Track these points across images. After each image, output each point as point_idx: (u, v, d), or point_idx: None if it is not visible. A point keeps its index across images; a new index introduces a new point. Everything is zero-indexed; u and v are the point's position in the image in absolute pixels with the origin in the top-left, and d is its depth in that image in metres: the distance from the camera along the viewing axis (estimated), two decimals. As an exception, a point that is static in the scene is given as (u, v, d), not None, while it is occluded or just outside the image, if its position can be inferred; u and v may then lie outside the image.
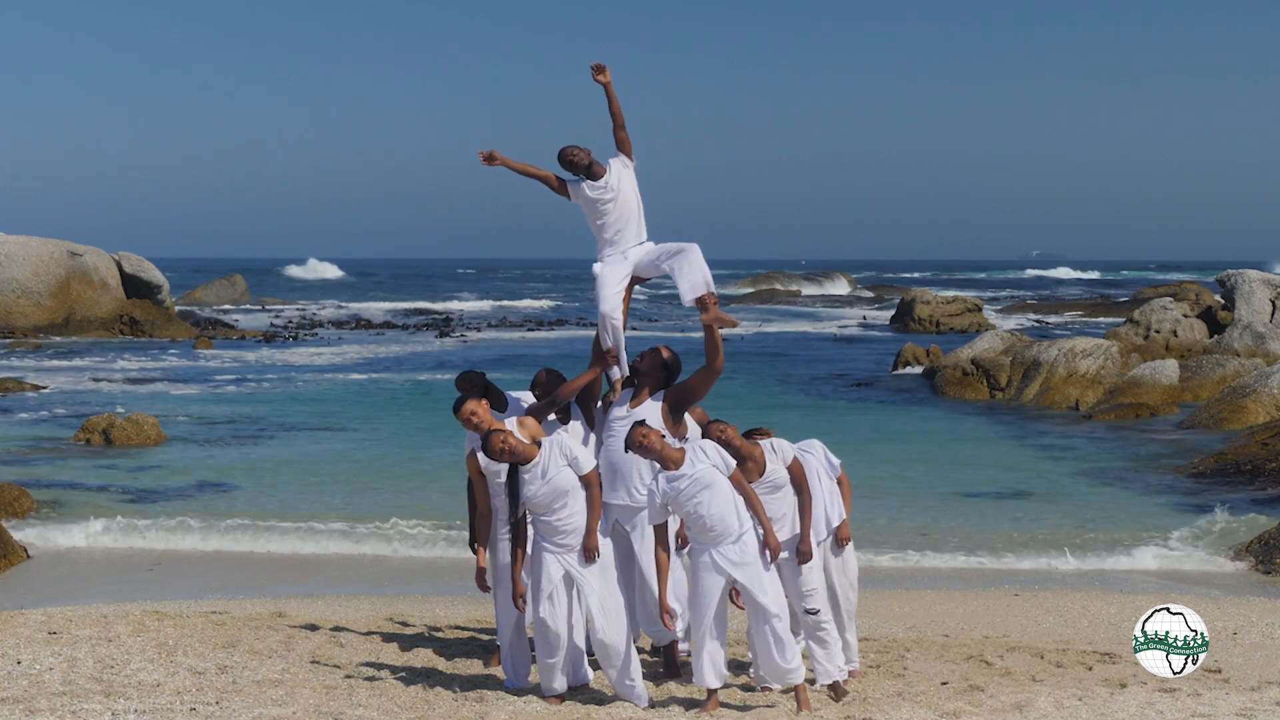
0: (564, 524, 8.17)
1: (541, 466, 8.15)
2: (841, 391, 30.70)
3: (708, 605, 8.11)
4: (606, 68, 9.04)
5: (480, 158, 9.09)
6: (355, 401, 28.18)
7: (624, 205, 9.09)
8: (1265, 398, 24.07)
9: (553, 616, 8.19)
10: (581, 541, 8.18)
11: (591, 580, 8.18)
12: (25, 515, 15.35)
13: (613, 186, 9.05)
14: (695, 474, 8.06)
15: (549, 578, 8.19)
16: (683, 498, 8.04)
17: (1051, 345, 30.15)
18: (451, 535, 14.83)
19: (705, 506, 8.03)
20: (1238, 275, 34.25)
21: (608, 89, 9.05)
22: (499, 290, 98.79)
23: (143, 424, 21.64)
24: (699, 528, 8.09)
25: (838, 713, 8.15)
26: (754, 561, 8.09)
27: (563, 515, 8.15)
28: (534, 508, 8.19)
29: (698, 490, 8.03)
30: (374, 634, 10.15)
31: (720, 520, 8.04)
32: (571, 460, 8.20)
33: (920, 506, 16.86)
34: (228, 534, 14.98)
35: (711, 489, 8.04)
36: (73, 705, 7.87)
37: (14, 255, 45.50)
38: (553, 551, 8.19)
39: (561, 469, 8.15)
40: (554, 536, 8.19)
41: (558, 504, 8.14)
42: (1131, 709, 8.12)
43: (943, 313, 55.16)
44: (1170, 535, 15.11)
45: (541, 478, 8.14)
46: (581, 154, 9.06)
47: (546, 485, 8.13)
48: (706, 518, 8.04)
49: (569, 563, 8.19)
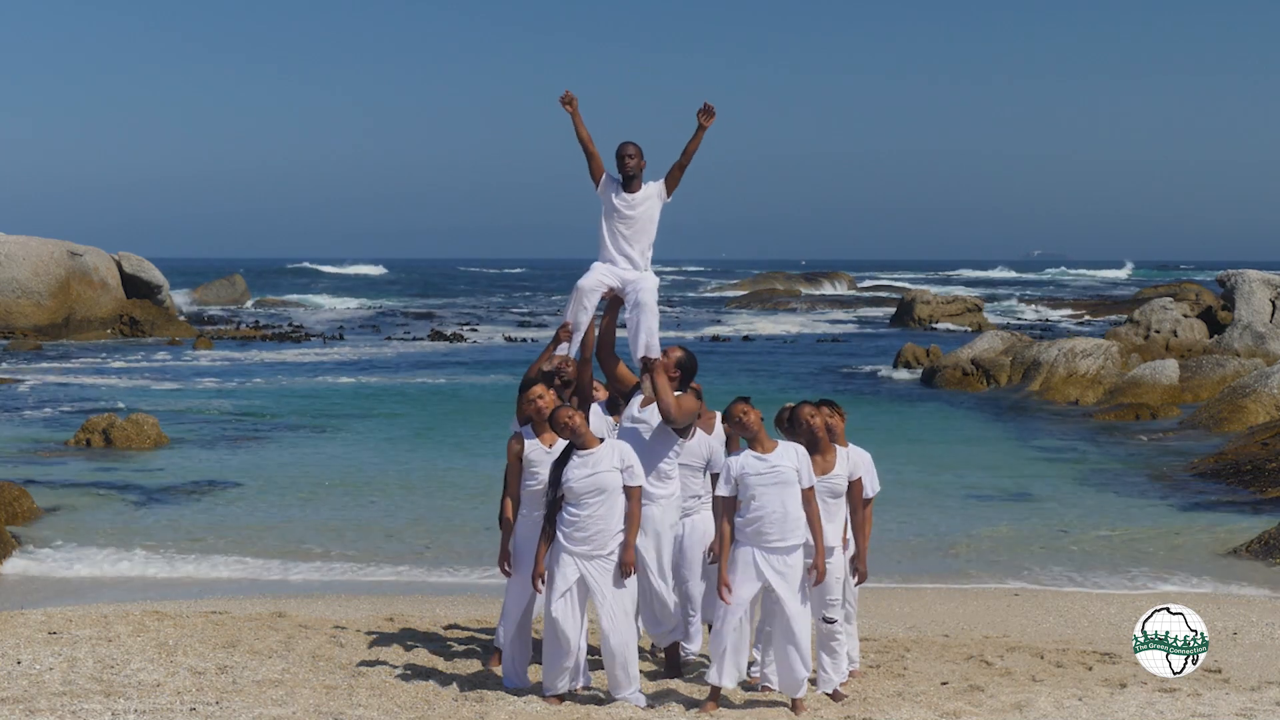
0: (588, 523, 8.11)
1: (596, 457, 8.13)
2: (841, 391, 30.69)
3: (739, 604, 8.10)
4: (715, 115, 9.13)
5: (563, 96, 9.17)
6: (353, 403, 28.16)
7: (637, 228, 9.19)
8: (1265, 398, 24.07)
9: (565, 617, 8.17)
10: (603, 550, 8.12)
11: (605, 584, 8.15)
12: (27, 521, 15.28)
13: (637, 206, 9.15)
14: (778, 466, 8.02)
15: (564, 578, 8.16)
16: (755, 482, 7.99)
17: (1051, 345, 30.15)
18: (452, 535, 14.82)
19: (771, 503, 7.98)
20: (1238, 275, 34.25)
21: (702, 131, 9.14)
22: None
23: (143, 424, 21.62)
24: (753, 524, 8.03)
25: (838, 713, 8.16)
26: (797, 576, 8.07)
27: (591, 514, 8.10)
28: (568, 495, 8.13)
29: (772, 483, 7.99)
30: (374, 634, 10.14)
31: (777, 523, 8.00)
32: (625, 467, 8.19)
33: (919, 508, 16.85)
34: (228, 563, 14.72)
35: (784, 488, 8.00)
36: (73, 705, 7.87)
37: (14, 255, 45.49)
38: (570, 552, 8.17)
39: (612, 469, 8.14)
40: (575, 534, 8.13)
41: (592, 499, 8.10)
42: (1131, 709, 8.12)
43: (943, 312, 55.20)
44: (1170, 535, 15.11)
45: (590, 467, 8.11)
46: (634, 163, 9.15)
47: (591, 477, 8.09)
48: (766, 515, 8.00)
49: (585, 566, 8.16)
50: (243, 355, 40.18)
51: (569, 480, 8.12)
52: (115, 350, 40.65)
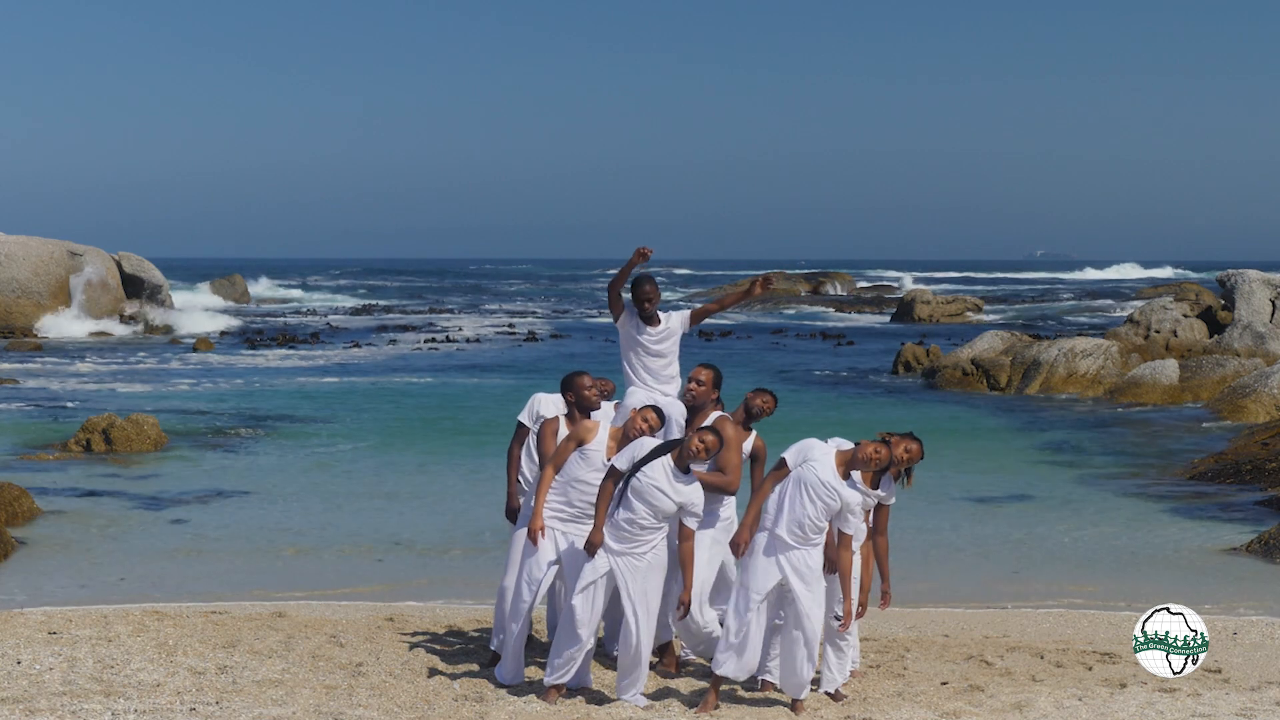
0: (635, 532, 8.05)
1: (679, 486, 8.02)
2: (840, 391, 30.70)
3: (755, 595, 8.11)
4: (769, 288, 9.35)
5: (643, 252, 9.08)
6: (353, 402, 28.17)
7: (664, 362, 9.31)
8: (1265, 398, 24.09)
9: (584, 608, 8.15)
10: (640, 550, 8.05)
11: (636, 582, 8.10)
12: (27, 521, 15.28)
13: (662, 339, 9.27)
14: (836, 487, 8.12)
15: (594, 569, 8.11)
16: (804, 481, 8.06)
17: (1051, 345, 30.18)
18: (453, 535, 14.82)
19: (804, 505, 8.05)
20: (1238, 275, 34.27)
21: (747, 297, 9.41)
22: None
23: (143, 424, 21.62)
24: (780, 518, 8.08)
25: (838, 713, 8.16)
26: (815, 575, 8.09)
27: (642, 526, 8.03)
28: (634, 495, 8.00)
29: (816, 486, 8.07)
30: (374, 634, 10.14)
31: (809, 524, 8.05)
32: (687, 503, 8.05)
33: (915, 512, 16.84)
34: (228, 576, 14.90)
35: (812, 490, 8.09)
36: (73, 705, 7.87)
37: (14, 255, 45.51)
38: (606, 548, 8.10)
39: (676, 499, 8.00)
40: (618, 531, 8.07)
41: (647, 513, 8.00)
42: (1131, 709, 8.13)
43: (943, 312, 55.20)
44: (1170, 535, 15.11)
45: (672, 493, 8.00)
46: (653, 302, 9.27)
47: (663, 498, 7.99)
48: (802, 515, 8.04)
49: (617, 562, 8.09)
50: (242, 355, 40.18)
51: (644, 490, 7.99)
52: (115, 350, 40.66)
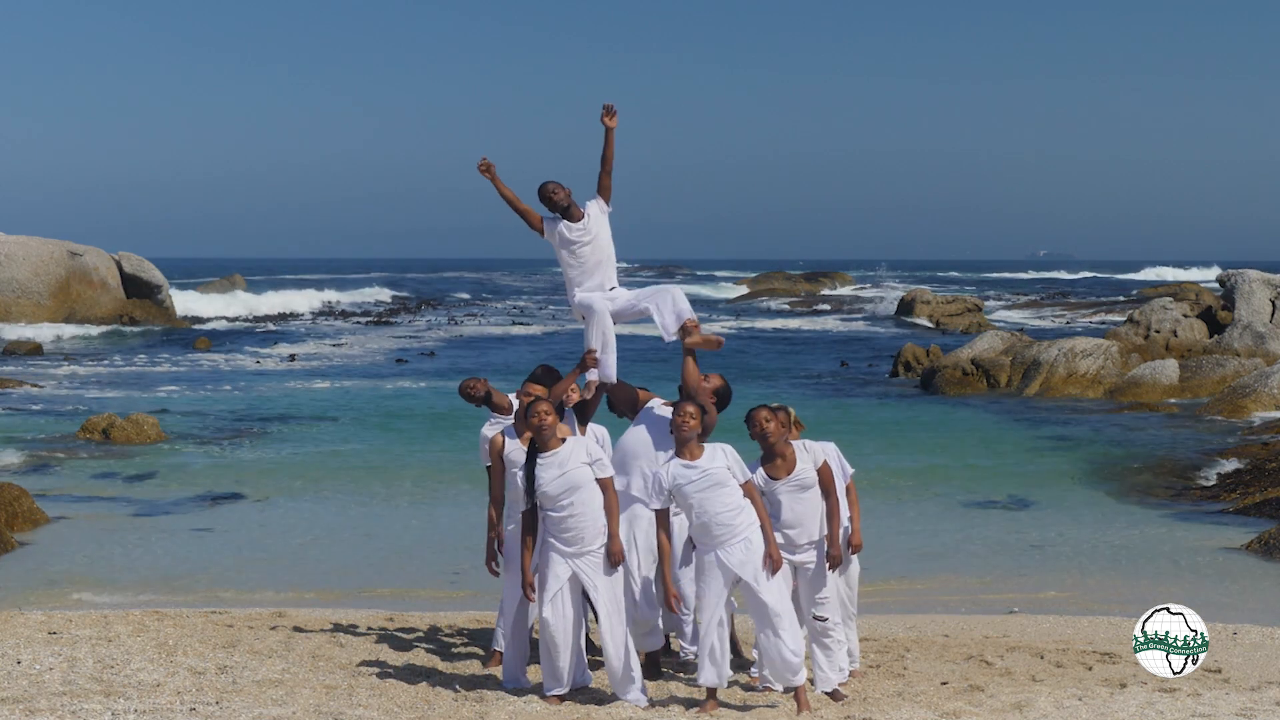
0: (570, 523, 8.15)
1: (561, 456, 8.18)
2: (839, 391, 30.69)
3: (714, 605, 8.12)
4: (616, 113, 9.13)
5: (481, 164, 9.16)
6: (353, 402, 28.17)
7: (599, 249, 9.22)
8: (1265, 398, 24.09)
9: (556, 618, 8.19)
10: (591, 545, 8.17)
11: (599, 581, 8.18)
12: (27, 520, 15.25)
13: (590, 230, 9.17)
14: (709, 470, 8.07)
15: (556, 577, 8.19)
16: (690, 489, 8.05)
17: (1051, 345, 30.17)
18: (453, 535, 14.81)
19: (711, 505, 8.04)
20: (1238, 275, 34.28)
21: (611, 133, 9.16)
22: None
23: (142, 424, 21.64)
24: (702, 528, 8.10)
25: (838, 713, 8.16)
26: (758, 560, 8.08)
27: (570, 513, 8.15)
28: (544, 499, 8.19)
29: (706, 486, 8.04)
30: (374, 634, 10.15)
31: (724, 524, 8.05)
32: (594, 460, 8.25)
33: (914, 513, 16.84)
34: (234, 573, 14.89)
35: (721, 489, 8.05)
36: (73, 705, 7.87)
37: (14, 255, 45.53)
38: (560, 552, 8.19)
39: (580, 465, 8.19)
40: (561, 535, 8.18)
41: (565, 499, 8.14)
42: (1131, 709, 8.12)
43: (943, 312, 55.18)
44: (1170, 535, 15.10)
45: (558, 467, 8.16)
46: (562, 193, 9.17)
47: (561, 477, 8.14)
48: (712, 517, 8.04)
49: (576, 565, 8.19)
50: (242, 356, 40.18)
51: (541, 484, 8.18)
52: (115, 350, 40.65)
